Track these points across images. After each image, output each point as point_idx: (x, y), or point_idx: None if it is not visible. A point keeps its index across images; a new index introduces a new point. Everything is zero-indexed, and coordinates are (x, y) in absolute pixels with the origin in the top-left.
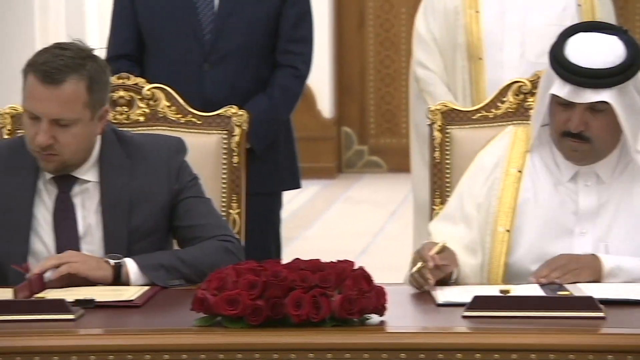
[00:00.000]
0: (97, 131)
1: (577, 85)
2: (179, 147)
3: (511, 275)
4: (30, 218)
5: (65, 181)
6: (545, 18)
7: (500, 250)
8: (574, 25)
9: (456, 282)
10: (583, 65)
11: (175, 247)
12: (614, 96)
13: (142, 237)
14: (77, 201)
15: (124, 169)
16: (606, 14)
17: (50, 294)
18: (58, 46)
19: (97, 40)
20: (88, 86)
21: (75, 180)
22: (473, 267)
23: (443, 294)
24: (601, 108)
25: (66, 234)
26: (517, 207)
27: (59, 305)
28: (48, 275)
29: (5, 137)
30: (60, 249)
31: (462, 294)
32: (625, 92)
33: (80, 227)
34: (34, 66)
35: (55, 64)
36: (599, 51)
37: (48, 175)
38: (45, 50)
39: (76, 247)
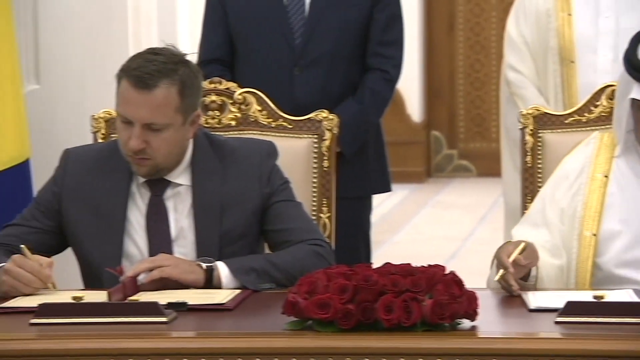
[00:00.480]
0: (189, 136)
1: None
2: (271, 151)
3: (598, 279)
4: (124, 221)
5: (158, 184)
6: (638, 21)
7: (587, 254)
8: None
9: (535, 282)
10: None
11: (267, 251)
12: None
13: (233, 241)
14: (169, 204)
15: (215, 173)
16: None
17: (144, 297)
18: (151, 51)
19: (189, 45)
20: (180, 91)
21: (168, 183)
22: (555, 268)
23: (535, 299)
24: None
25: (159, 237)
26: (604, 211)
27: (152, 308)
28: (141, 278)
29: (100, 141)
30: (153, 251)
31: (554, 299)
32: None
33: (173, 230)
34: (127, 71)
35: (148, 69)
36: None
37: (141, 179)
38: (138, 55)
39: (169, 250)
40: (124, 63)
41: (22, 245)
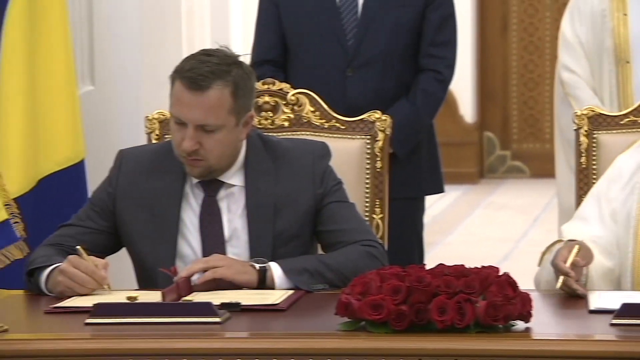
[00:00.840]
0: (242, 137)
1: None
2: (324, 152)
3: None
4: (177, 222)
5: (211, 185)
6: None
7: None
8: None
9: (586, 282)
10: None
11: (319, 252)
12: None
13: (286, 242)
14: (222, 205)
15: (269, 174)
16: None
17: (197, 297)
18: (204, 53)
19: (242, 46)
20: (233, 92)
21: (221, 184)
22: (605, 270)
23: (597, 300)
24: None
25: (212, 238)
26: None
27: (206, 308)
28: (195, 278)
29: (154, 141)
30: (206, 252)
31: (616, 300)
32: None
33: (226, 230)
34: (180, 73)
35: (201, 71)
36: None
37: (195, 180)
38: (191, 57)
39: (222, 250)
40: (178, 64)
41: (77, 247)
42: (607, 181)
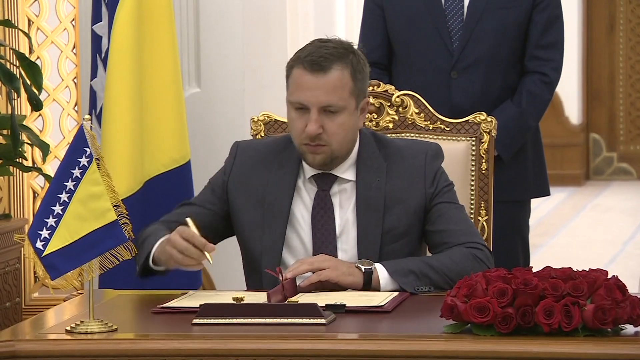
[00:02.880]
0: (360, 124)
1: None
2: (437, 153)
3: None
4: (288, 213)
5: (325, 180)
6: None
7: None
8: None
9: None
10: None
11: (427, 252)
12: None
13: (394, 239)
14: (335, 200)
15: (380, 171)
16: None
17: (302, 299)
18: (319, 40)
19: None
20: (352, 74)
21: (335, 178)
22: None
23: None
24: None
25: (324, 232)
26: None
27: (312, 310)
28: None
29: None
30: (317, 245)
31: None
32: None
33: (338, 225)
34: (298, 60)
35: (321, 53)
36: None
37: (308, 174)
38: (306, 46)
39: (333, 245)
40: (293, 56)
41: (187, 218)
42: None
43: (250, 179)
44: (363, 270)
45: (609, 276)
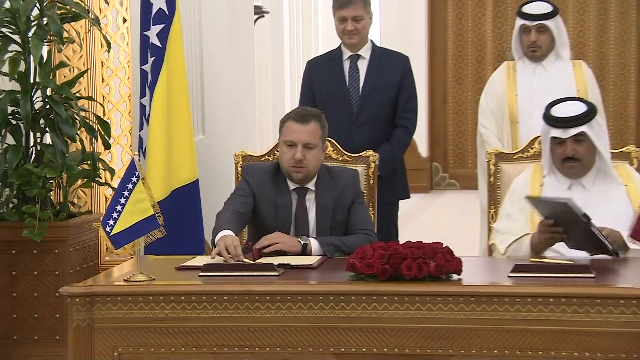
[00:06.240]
0: (322, 158)
1: (564, 128)
2: (357, 175)
3: None
4: (290, 215)
5: (301, 191)
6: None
7: None
8: (551, 101)
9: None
10: (564, 116)
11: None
12: (586, 128)
13: (337, 226)
14: (307, 204)
15: (330, 186)
16: (594, 96)
17: (264, 260)
18: (301, 108)
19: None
20: (321, 128)
21: (307, 190)
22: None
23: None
24: (581, 138)
25: (301, 227)
26: None
27: (270, 267)
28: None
29: (239, 169)
30: (297, 230)
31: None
32: (592, 126)
33: (311, 222)
34: (289, 116)
35: (304, 112)
36: (570, 107)
37: (291, 187)
38: (294, 109)
39: (307, 230)
40: (283, 116)
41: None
42: (510, 192)
43: (263, 187)
44: (302, 242)
45: (444, 246)
